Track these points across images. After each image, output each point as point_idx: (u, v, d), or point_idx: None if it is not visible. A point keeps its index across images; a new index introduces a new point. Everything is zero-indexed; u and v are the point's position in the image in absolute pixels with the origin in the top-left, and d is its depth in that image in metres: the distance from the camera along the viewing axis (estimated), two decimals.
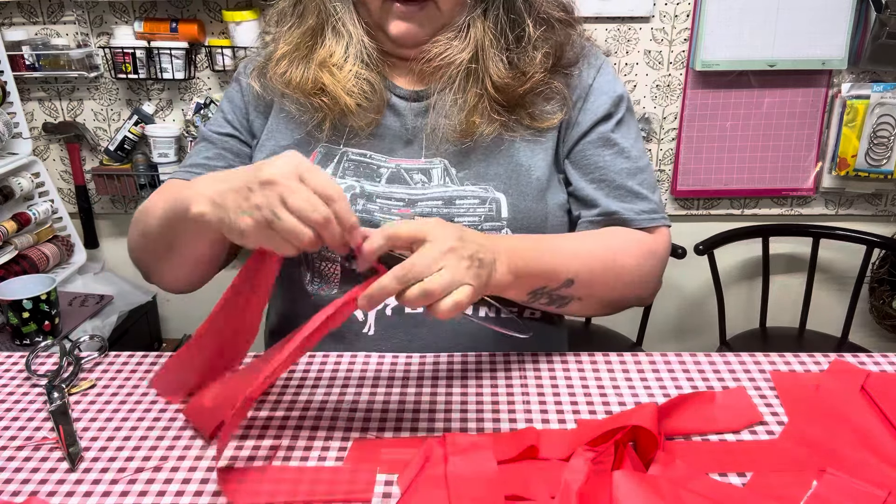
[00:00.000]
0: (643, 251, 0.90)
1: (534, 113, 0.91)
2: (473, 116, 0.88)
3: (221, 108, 1.00)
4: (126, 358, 0.86)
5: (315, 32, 0.91)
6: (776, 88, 1.92)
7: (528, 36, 0.89)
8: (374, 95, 0.91)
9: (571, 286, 0.83)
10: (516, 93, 0.89)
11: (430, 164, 0.91)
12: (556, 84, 0.91)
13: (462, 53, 0.88)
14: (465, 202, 0.89)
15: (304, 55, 0.91)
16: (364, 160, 0.92)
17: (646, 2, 1.85)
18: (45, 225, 1.92)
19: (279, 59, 0.92)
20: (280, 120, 0.95)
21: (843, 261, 2.10)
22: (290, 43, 0.92)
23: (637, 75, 1.93)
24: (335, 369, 0.83)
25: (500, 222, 0.89)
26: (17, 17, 1.90)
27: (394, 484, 0.64)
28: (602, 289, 0.86)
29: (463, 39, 0.88)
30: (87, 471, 0.67)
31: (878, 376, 0.78)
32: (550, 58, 0.90)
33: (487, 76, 0.88)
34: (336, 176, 0.91)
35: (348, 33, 0.90)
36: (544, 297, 0.83)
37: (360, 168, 0.92)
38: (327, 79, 0.89)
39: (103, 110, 1.99)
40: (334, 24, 0.90)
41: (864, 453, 0.67)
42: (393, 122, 0.94)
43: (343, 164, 0.92)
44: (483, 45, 0.88)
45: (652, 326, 1.98)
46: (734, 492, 0.62)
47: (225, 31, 1.87)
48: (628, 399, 0.77)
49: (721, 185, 2.01)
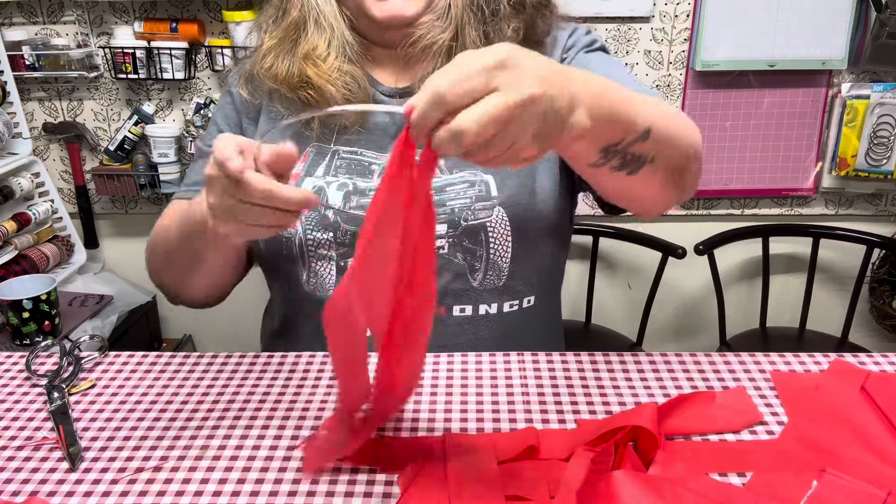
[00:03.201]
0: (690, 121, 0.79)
1: None
2: None
3: (215, 120, 1.00)
4: (126, 358, 0.86)
5: (298, 26, 0.92)
6: (776, 88, 1.92)
7: (502, 9, 0.89)
8: (358, 90, 0.91)
9: (648, 139, 0.67)
10: None
11: None
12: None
13: (444, 34, 0.88)
14: (455, 188, 0.90)
15: (289, 49, 0.92)
16: (355, 157, 0.92)
17: (646, 2, 1.85)
18: (45, 225, 1.92)
19: (265, 54, 0.93)
20: (270, 122, 0.96)
21: (843, 261, 2.10)
22: (276, 37, 0.93)
23: (637, 75, 1.93)
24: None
25: (491, 201, 0.89)
26: (17, 17, 1.90)
27: (394, 484, 0.64)
28: (673, 147, 0.72)
29: (444, 19, 0.89)
30: (87, 471, 0.67)
31: (878, 376, 0.78)
32: (521, 31, 0.91)
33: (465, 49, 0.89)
34: (328, 174, 0.92)
35: (330, 27, 0.91)
36: (617, 156, 0.66)
37: (352, 165, 0.92)
38: (311, 71, 0.90)
39: (103, 110, 1.99)
40: (316, 16, 0.91)
41: (864, 453, 0.67)
42: (382, 118, 0.94)
43: (335, 161, 0.92)
44: (462, 22, 0.88)
45: (652, 326, 1.98)
46: (734, 492, 0.62)
47: (225, 31, 1.87)
48: (628, 399, 0.77)
49: (721, 185, 2.01)
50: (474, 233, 0.89)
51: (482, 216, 0.89)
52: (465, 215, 0.89)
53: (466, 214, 0.89)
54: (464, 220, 0.89)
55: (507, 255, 0.90)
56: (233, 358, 0.86)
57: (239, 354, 0.87)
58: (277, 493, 0.64)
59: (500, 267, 0.90)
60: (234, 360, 0.85)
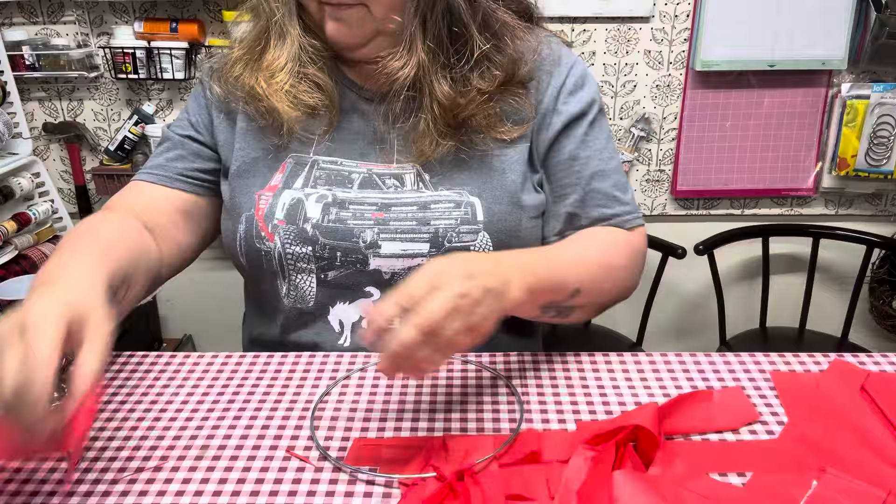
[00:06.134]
0: (630, 250, 0.91)
1: (489, 130, 0.89)
2: (422, 145, 0.87)
3: (187, 108, 0.98)
4: (126, 358, 0.86)
5: (262, 36, 0.90)
6: (776, 88, 1.92)
7: (471, 51, 0.85)
8: (323, 95, 0.89)
9: (578, 296, 0.82)
10: (463, 113, 0.86)
11: (403, 170, 0.90)
12: (513, 101, 0.89)
13: (403, 70, 0.85)
14: (440, 206, 0.88)
15: (256, 58, 0.90)
16: (335, 167, 0.91)
17: (646, 2, 1.85)
18: (45, 225, 1.92)
19: (234, 63, 0.91)
20: (249, 128, 0.93)
21: (843, 261, 2.10)
22: (244, 47, 0.91)
23: (637, 75, 1.93)
24: (335, 369, 0.83)
25: (476, 225, 0.88)
26: (17, 17, 1.90)
27: (394, 484, 0.64)
28: (601, 293, 0.87)
29: (403, 55, 0.85)
30: (88, 470, 0.67)
31: (878, 376, 0.78)
32: (498, 78, 0.87)
33: (433, 97, 0.85)
34: (307, 186, 0.90)
35: (290, 35, 0.88)
36: (553, 309, 0.82)
37: (332, 176, 0.91)
38: (261, 88, 0.88)
39: (103, 110, 1.99)
40: (280, 28, 0.88)
41: (864, 453, 0.67)
42: (361, 126, 0.92)
43: (314, 172, 0.91)
44: (422, 62, 0.84)
45: (652, 326, 1.98)
46: (734, 492, 0.62)
47: (225, 31, 1.87)
48: (628, 399, 0.77)
49: (721, 185, 2.01)
50: None
51: (466, 239, 0.88)
52: (450, 236, 0.88)
53: (451, 236, 0.88)
54: (447, 242, 0.88)
55: None
56: (233, 358, 0.86)
57: (239, 354, 0.87)
58: (277, 493, 0.64)
59: None
60: (234, 360, 0.85)
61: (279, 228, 0.89)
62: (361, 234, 0.87)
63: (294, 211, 0.89)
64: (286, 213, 0.89)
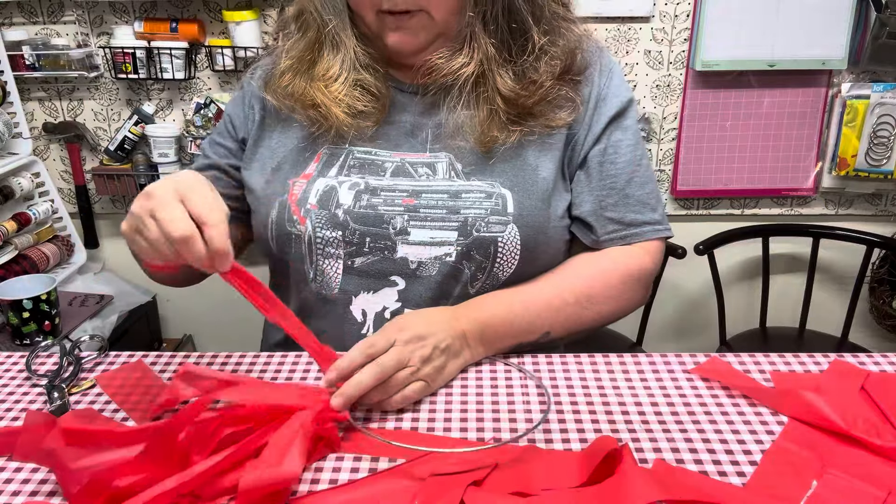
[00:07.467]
0: (622, 276, 0.91)
1: (546, 120, 0.91)
2: (492, 131, 0.88)
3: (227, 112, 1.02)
4: (126, 358, 0.86)
5: (314, 46, 0.91)
6: (776, 88, 1.92)
7: (532, 45, 0.88)
8: (376, 102, 0.91)
9: (549, 336, 0.87)
10: (526, 104, 0.89)
11: (435, 158, 0.92)
12: (566, 91, 0.91)
13: (466, 68, 0.87)
14: (470, 195, 0.89)
15: (306, 69, 0.92)
16: (369, 157, 0.92)
17: (646, 2, 1.85)
18: (45, 225, 1.92)
19: (283, 73, 0.93)
20: (286, 118, 0.95)
21: (843, 261, 2.10)
22: (293, 57, 0.92)
23: (637, 75, 1.93)
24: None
25: (506, 217, 0.88)
26: (17, 17, 1.90)
27: None
28: (580, 327, 0.90)
29: (466, 54, 0.87)
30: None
31: (878, 376, 0.78)
32: (558, 67, 0.89)
33: (496, 90, 0.88)
34: (341, 174, 0.92)
35: (344, 45, 0.90)
36: (528, 345, 0.87)
37: (365, 166, 0.92)
38: (319, 96, 0.89)
39: (103, 110, 1.99)
40: (332, 36, 0.90)
41: (864, 453, 0.67)
42: (398, 118, 0.94)
43: (348, 162, 0.92)
44: (487, 58, 0.87)
45: (652, 326, 1.98)
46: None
47: (225, 31, 1.87)
48: (628, 399, 0.77)
49: (721, 185, 2.01)
50: (484, 246, 0.88)
51: (495, 230, 0.88)
52: (479, 226, 0.88)
53: (479, 225, 0.88)
54: (476, 231, 0.88)
55: (509, 272, 0.90)
56: (233, 358, 0.86)
57: (239, 354, 0.87)
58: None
59: (498, 278, 0.90)
60: (234, 360, 0.85)
61: (311, 213, 0.90)
62: (392, 221, 0.88)
63: (327, 197, 0.90)
64: (319, 199, 0.90)
